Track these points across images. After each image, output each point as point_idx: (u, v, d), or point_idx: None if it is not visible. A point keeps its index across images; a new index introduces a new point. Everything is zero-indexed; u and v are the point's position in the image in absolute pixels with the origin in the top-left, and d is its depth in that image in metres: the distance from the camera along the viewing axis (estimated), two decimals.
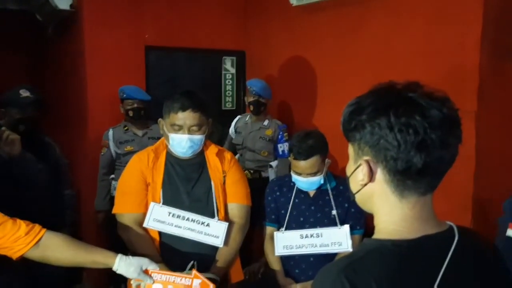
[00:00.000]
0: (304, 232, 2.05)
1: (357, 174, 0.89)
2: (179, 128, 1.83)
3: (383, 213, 0.89)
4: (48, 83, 4.74)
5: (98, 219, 3.32)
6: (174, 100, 1.84)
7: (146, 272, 1.57)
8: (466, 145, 2.24)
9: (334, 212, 2.07)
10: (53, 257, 1.51)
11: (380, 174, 0.86)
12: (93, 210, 3.37)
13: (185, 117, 1.81)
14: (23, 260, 1.53)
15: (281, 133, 3.41)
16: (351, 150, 0.91)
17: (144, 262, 1.57)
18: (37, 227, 1.50)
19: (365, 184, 0.88)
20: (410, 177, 0.83)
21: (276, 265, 2.15)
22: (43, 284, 2.20)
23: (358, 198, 0.94)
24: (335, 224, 2.05)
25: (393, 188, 0.86)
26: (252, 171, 3.42)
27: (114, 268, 1.53)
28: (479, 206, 2.16)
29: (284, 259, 2.15)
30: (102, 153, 3.28)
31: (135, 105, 3.21)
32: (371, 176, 0.86)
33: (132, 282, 1.58)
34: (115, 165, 3.29)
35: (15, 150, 2.01)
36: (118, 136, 3.27)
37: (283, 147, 3.40)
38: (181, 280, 1.59)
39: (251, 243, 3.36)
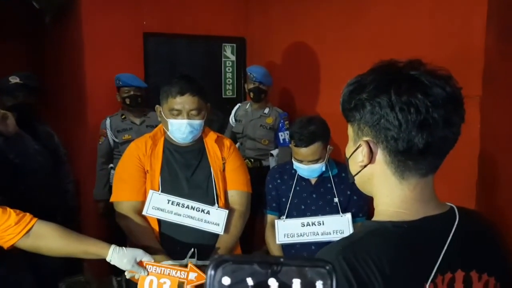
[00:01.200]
0: (306, 220, 2.02)
1: (356, 155, 0.86)
2: (178, 113, 1.79)
3: (383, 195, 0.86)
4: (46, 71, 4.70)
5: (98, 208, 3.30)
6: (172, 84, 1.80)
7: (140, 264, 1.54)
8: (471, 130, 2.21)
9: (336, 199, 2.04)
10: (44, 247, 1.48)
11: (380, 155, 0.83)
12: (92, 199, 3.35)
13: (183, 101, 1.77)
14: (21, 252, 1.51)
15: (282, 121, 3.36)
16: (350, 131, 0.88)
17: (138, 254, 1.54)
18: (28, 216, 1.47)
19: (365, 166, 0.85)
20: (411, 157, 0.80)
21: (277, 254, 2.12)
22: (42, 276, 2.19)
23: (358, 181, 0.91)
24: (337, 212, 2.02)
25: (394, 169, 0.83)
26: (252, 160, 3.38)
27: (108, 259, 1.50)
28: (483, 191, 2.13)
29: (285, 248, 2.12)
30: (100, 142, 3.26)
31: (132, 93, 3.18)
32: (371, 157, 0.84)
33: (126, 273, 1.55)
34: (113, 154, 3.26)
35: (10, 127, 1.98)
36: (116, 124, 3.23)
37: (284, 135, 3.35)
38: (176, 273, 1.57)
39: (252, 233, 3.34)
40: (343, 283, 0.74)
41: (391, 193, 0.85)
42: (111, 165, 3.25)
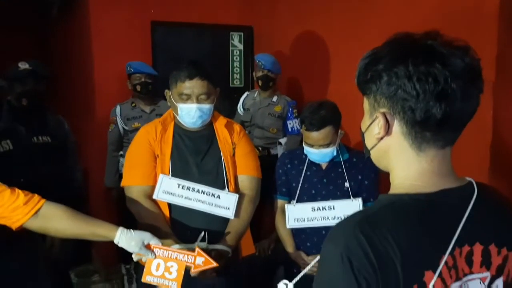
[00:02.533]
0: (316, 204, 2.01)
1: (372, 128, 0.85)
2: (187, 98, 1.79)
3: (399, 168, 0.85)
4: (54, 62, 4.71)
5: (113, 197, 3.32)
6: (181, 69, 1.80)
7: (148, 247, 1.54)
8: (483, 117, 2.19)
9: (347, 184, 2.02)
10: (52, 228, 1.48)
11: (397, 126, 0.82)
12: (102, 186, 3.36)
13: (192, 85, 1.77)
14: (37, 246, 1.51)
15: (290, 109, 3.35)
16: (366, 104, 0.87)
17: (146, 237, 1.54)
18: (36, 197, 1.47)
19: (381, 138, 0.84)
20: (429, 128, 0.79)
21: (287, 240, 2.12)
22: (50, 264, 2.21)
23: (374, 155, 0.89)
24: (348, 197, 2.01)
25: (411, 141, 0.82)
26: (260, 149, 3.36)
27: (115, 241, 1.49)
28: (495, 178, 2.10)
29: (295, 232, 2.11)
30: (110, 130, 3.27)
31: (143, 79, 3.19)
32: (388, 129, 0.82)
33: (133, 256, 1.55)
34: (123, 142, 3.27)
35: None
36: (126, 112, 3.24)
37: (292, 123, 3.34)
38: (183, 257, 1.57)
39: (261, 221, 3.34)
40: (361, 256, 0.74)
41: (408, 166, 0.84)
42: (121, 152, 3.26)
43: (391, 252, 0.74)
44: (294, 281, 0.84)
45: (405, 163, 0.84)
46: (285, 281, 0.84)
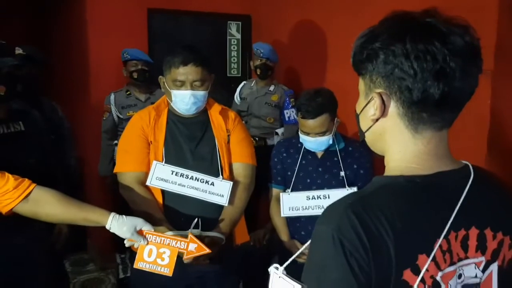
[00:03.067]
0: (311, 193, 1.99)
1: (368, 110, 0.83)
2: (181, 84, 1.76)
3: (395, 150, 0.83)
4: (50, 48, 4.65)
5: (107, 185, 3.29)
6: (175, 54, 1.77)
7: (140, 233, 1.52)
8: (481, 105, 2.16)
9: (342, 173, 2.01)
10: (43, 213, 1.46)
11: (393, 107, 0.79)
12: (97, 173, 3.34)
13: (187, 71, 1.74)
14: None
15: (287, 99, 3.32)
16: (361, 84, 0.85)
17: (138, 222, 1.51)
18: (27, 181, 1.45)
19: (377, 120, 0.82)
20: (426, 109, 0.77)
21: (282, 228, 2.10)
22: (46, 252, 2.19)
23: (369, 137, 0.87)
24: (343, 186, 1.99)
25: (407, 123, 0.79)
26: (257, 139, 3.34)
27: (107, 227, 1.47)
28: (492, 166, 2.09)
29: (290, 221, 2.10)
30: (104, 118, 3.24)
31: (139, 67, 3.16)
32: (383, 110, 0.80)
33: (125, 242, 1.53)
34: (117, 131, 3.24)
35: None
36: (120, 100, 3.21)
37: (289, 113, 3.31)
38: (176, 243, 1.55)
39: (257, 210, 3.32)
40: (353, 238, 0.72)
41: (404, 148, 0.81)
42: (116, 141, 3.23)
43: (384, 234, 0.72)
44: (285, 265, 0.82)
45: (401, 145, 0.82)
46: (276, 265, 0.82)
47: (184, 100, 1.78)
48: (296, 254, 0.89)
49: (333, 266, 0.73)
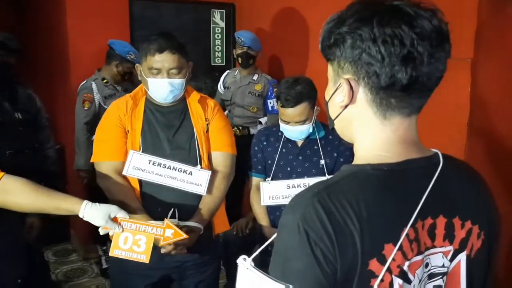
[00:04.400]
0: (291, 182, 1.99)
1: (336, 96, 0.81)
2: (157, 72, 1.73)
3: (363, 138, 0.82)
4: (29, 36, 4.56)
5: (83, 178, 3.20)
6: (151, 42, 1.73)
7: (115, 220, 1.49)
8: (461, 94, 2.16)
9: (322, 162, 2.00)
10: (12, 202, 1.42)
11: (361, 93, 0.78)
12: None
13: (163, 59, 1.71)
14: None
15: (271, 88, 3.30)
16: (330, 71, 0.83)
17: (113, 210, 1.48)
18: None
19: (345, 106, 0.80)
20: (394, 94, 0.75)
21: (262, 216, 2.10)
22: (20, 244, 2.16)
23: (337, 125, 0.86)
24: (323, 174, 1.99)
25: (376, 109, 0.78)
26: (240, 128, 3.32)
27: (80, 215, 1.43)
28: (472, 156, 2.10)
29: (270, 210, 2.10)
30: (85, 108, 3.10)
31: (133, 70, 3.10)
32: (352, 96, 0.78)
33: (100, 230, 1.50)
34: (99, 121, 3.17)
35: None
36: (101, 90, 3.14)
37: (272, 102, 3.29)
38: (152, 229, 1.53)
39: (240, 200, 3.32)
40: (318, 227, 0.71)
41: (372, 135, 0.80)
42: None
43: (350, 223, 0.71)
44: (253, 256, 0.81)
45: (369, 132, 0.80)
46: (244, 256, 0.80)
47: (161, 88, 1.74)
48: (265, 245, 0.87)
49: (298, 256, 0.71)
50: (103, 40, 3.23)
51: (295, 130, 1.95)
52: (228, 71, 3.55)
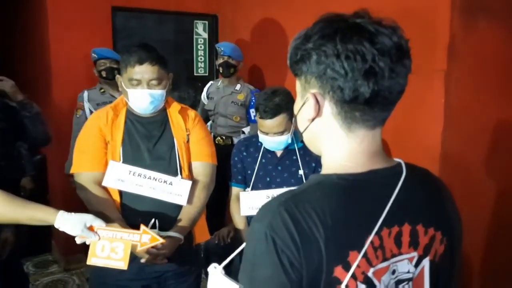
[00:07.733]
0: (270, 192, 2.01)
1: (304, 110, 0.85)
2: (137, 83, 1.75)
3: (330, 149, 0.85)
4: (11, 46, 4.53)
5: (71, 182, 3.21)
6: (131, 53, 1.75)
7: (91, 229, 1.49)
8: (435, 104, 2.21)
9: (301, 172, 2.03)
10: None
11: (327, 107, 0.81)
12: (62, 172, 3.26)
13: (143, 70, 1.73)
14: None
15: (253, 98, 3.33)
16: (298, 85, 0.87)
17: (88, 218, 1.48)
18: None
19: (313, 119, 0.84)
20: (358, 108, 0.79)
21: (241, 225, 2.12)
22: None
23: (306, 137, 0.89)
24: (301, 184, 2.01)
25: (341, 122, 0.81)
26: (224, 137, 3.35)
27: (56, 225, 1.42)
28: (446, 165, 2.15)
29: (250, 220, 2.11)
30: (77, 115, 3.19)
31: (108, 65, 3.16)
32: (318, 110, 0.82)
33: (76, 239, 1.50)
34: None
35: None
36: (95, 98, 3.18)
37: (255, 112, 3.32)
38: (128, 236, 1.53)
39: (224, 209, 3.33)
40: (284, 235, 0.73)
41: (338, 146, 0.83)
42: None
43: (315, 231, 0.74)
44: (223, 264, 0.83)
45: (335, 144, 0.84)
46: (215, 264, 0.83)
47: (141, 99, 1.76)
48: (235, 253, 0.90)
49: (265, 264, 0.74)
50: (85, 50, 3.25)
51: (274, 141, 1.98)
52: (211, 82, 3.58)
